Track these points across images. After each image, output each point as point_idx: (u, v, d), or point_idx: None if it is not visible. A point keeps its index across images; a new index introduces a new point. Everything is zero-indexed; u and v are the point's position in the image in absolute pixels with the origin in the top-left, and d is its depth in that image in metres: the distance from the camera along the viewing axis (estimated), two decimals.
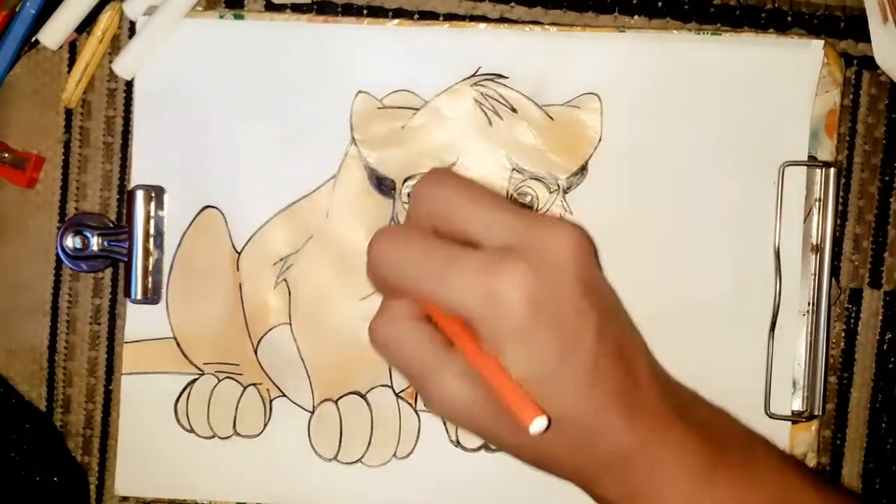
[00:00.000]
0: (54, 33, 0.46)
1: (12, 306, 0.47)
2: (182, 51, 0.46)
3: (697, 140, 0.46)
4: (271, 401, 0.46)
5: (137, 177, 0.46)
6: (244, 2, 0.47)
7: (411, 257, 0.35)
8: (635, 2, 0.47)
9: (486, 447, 0.46)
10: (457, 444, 0.46)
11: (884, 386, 0.47)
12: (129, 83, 0.47)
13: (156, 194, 0.46)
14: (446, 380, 0.34)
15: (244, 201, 0.46)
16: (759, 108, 0.46)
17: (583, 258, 0.35)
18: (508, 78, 0.46)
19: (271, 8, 0.47)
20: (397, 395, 0.46)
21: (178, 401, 0.46)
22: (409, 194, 0.45)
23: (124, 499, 0.47)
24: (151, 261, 0.46)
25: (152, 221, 0.46)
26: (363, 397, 0.46)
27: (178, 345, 0.46)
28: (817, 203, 0.46)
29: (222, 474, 0.46)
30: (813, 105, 0.45)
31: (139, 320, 0.46)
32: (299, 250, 0.46)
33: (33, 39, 0.46)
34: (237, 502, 0.46)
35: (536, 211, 0.45)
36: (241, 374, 0.46)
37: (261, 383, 0.46)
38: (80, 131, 0.47)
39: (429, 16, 0.47)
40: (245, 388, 0.46)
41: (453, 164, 0.46)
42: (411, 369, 0.36)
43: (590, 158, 0.46)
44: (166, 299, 0.46)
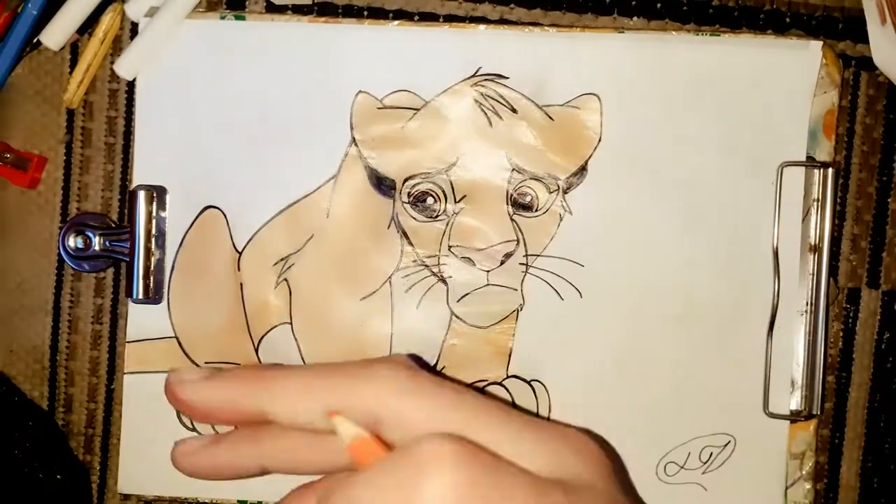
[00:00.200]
0: (56, 34, 0.46)
1: (14, 306, 0.48)
2: (183, 51, 0.46)
3: (696, 140, 0.46)
4: None
5: (139, 177, 0.46)
6: (245, 3, 0.47)
7: (467, 487, 0.28)
8: (634, 3, 0.47)
9: None
10: None
11: (882, 385, 0.48)
12: (131, 84, 0.47)
13: (157, 194, 0.46)
14: None
15: (245, 201, 0.46)
16: (757, 109, 0.46)
17: (612, 480, 0.30)
18: (508, 78, 0.46)
19: (272, 9, 0.47)
20: None
21: None
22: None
23: (126, 497, 0.47)
24: (153, 261, 0.46)
25: (154, 221, 0.46)
26: None
27: (179, 344, 0.46)
28: (815, 203, 0.46)
29: None
30: (811, 105, 0.46)
31: (141, 320, 0.46)
32: (300, 250, 0.46)
33: (35, 40, 0.46)
34: (239, 500, 0.47)
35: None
36: None
37: None
38: (82, 132, 0.47)
39: (429, 17, 0.47)
40: None
41: (453, 164, 0.46)
42: None
43: (589, 158, 0.46)
44: (168, 299, 0.46)
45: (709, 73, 0.46)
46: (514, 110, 0.46)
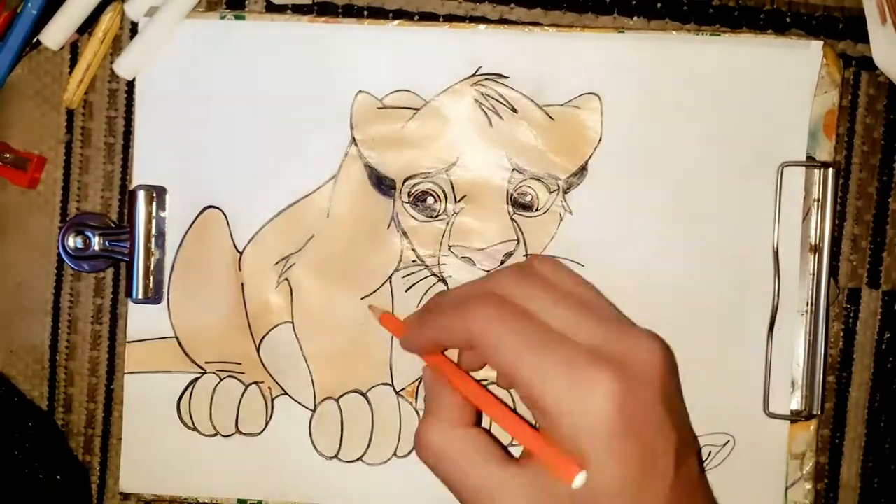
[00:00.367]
0: (56, 34, 0.46)
1: (14, 306, 0.48)
2: (183, 51, 0.46)
3: (696, 140, 0.46)
4: (273, 399, 0.46)
5: (139, 177, 0.46)
6: (245, 2, 0.47)
7: (515, 335, 0.34)
8: (634, 3, 0.47)
9: None
10: None
11: (882, 385, 0.48)
12: (131, 84, 0.47)
13: (157, 194, 0.46)
14: (508, 500, 0.33)
15: (245, 201, 0.46)
16: (757, 109, 0.46)
17: (669, 376, 0.34)
18: (508, 78, 0.46)
19: (272, 9, 0.47)
20: (398, 393, 0.46)
21: (180, 399, 0.46)
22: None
23: (126, 497, 0.47)
24: (153, 261, 0.46)
25: (154, 221, 0.46)
26: (364, 396, 0.46)
27: (179, 344, 0.46)
28: (816, 203, 0.46)
29: (224, 472, 0.46)
30: (811, 105, 0.46)
31: (141, 320, 0.46)
32: (301, 250, 0.46)
33: (35, 40, 0.46)
34: (238, 500, 0.47)
35: (619, 315, 0.41)
36: (242, 373, 0.46)
37: (262, 382, 0.46)
38: (82, 132, 0.47)
39: (429, 17, 0.47)
40: (247, 386, 0.46)
41: (453, 164, 0.46)
42: (465, 488, 0.34)
43: (590, 158, 0.46)
44: (168, 299, 0.46)
45: (709, 73, 0.46)
46: (514, 110, 0.46)
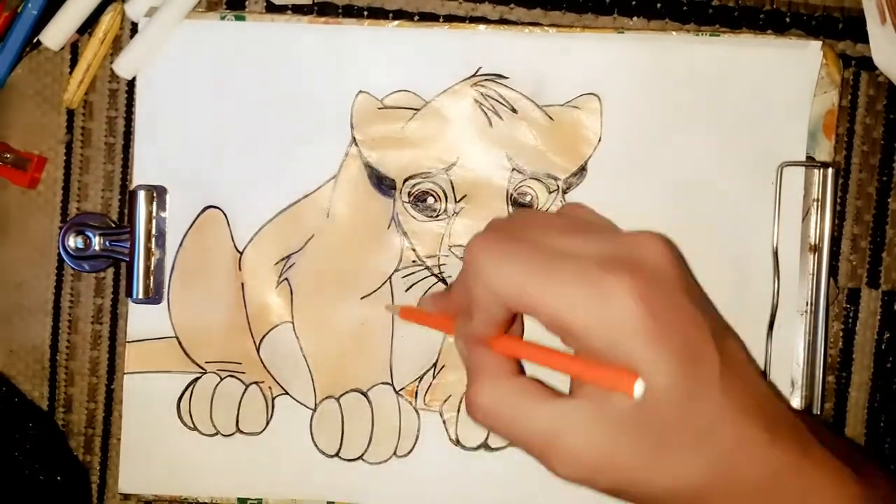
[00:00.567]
0: (56, 34, 0.46)
1: (14, 306, 0.48)
2: (183, 51, 0.46)
3: (696, 140, 0.46)
4: (273, 399, 0.46)
5: (139, 177, 0.46)
6: (245, 3, 0.47)
7: (515, 258, 0.33)
8: (634, 3, 0.47)
9: (486, 446, 0.46)
10: (456, 442, 0.46)
11: (882, 385, 0.48)
12: (131, 84, 0.47)
13: (157, 194, 0.46)
14: (574, 434, 0.32)
15: (245, 201, 0.46)
16: (757, 109, 0.46)
17: (681, 268, 0.34)
18: (508, 78, 0.46)
19: (272, 9, 0.47)
20: (397, 392, 0.46)
21: (180, 399, 0.46)
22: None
23: (126, 497, 0.47)
24: (153, 261, 0.46)
25: (154, 221, 0.46)
26: (364, 395, 0.46)
27: (179, 344, 0.46)
28: (815, 203, 0.46)
29: (224, 471, 0.46)
30: (811, 105, 0.46)
31: (141, 320, 0.46)
32: (301, 249, 0.46)
33: (35, 40, 0.46)
34: (239, 498, 0.47)
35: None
36: (243, 373, 0.46)
37: (263, 381, 0.46)
38: (82, 132, 0.47)
39: (429, 17, 0.47)
40: (247, 386, 0.46)
41: (453, 164, 0.46)
42: (531, 438, 0.33)
43: (589, 159, 0.46)
44: (168, 299, 0.46)
45: (709, 74, 0.46)
46: (514, 110, 0.46)
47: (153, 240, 0.46)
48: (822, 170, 0.46)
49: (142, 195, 0.46)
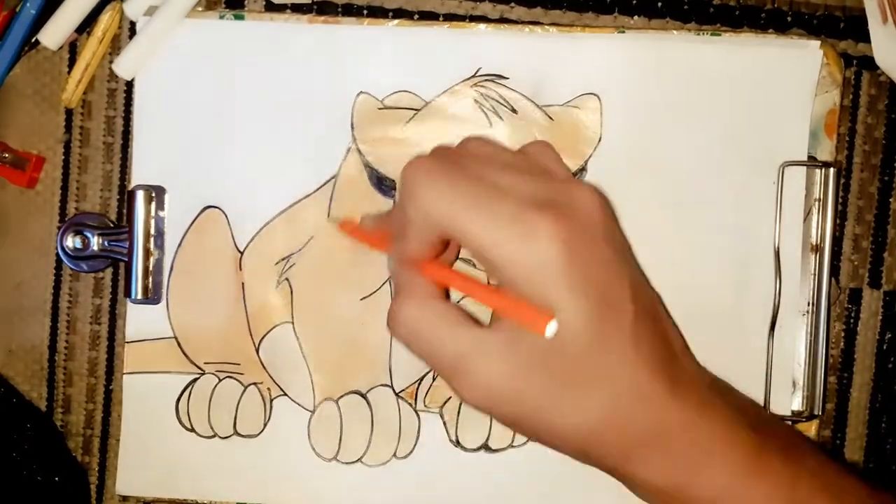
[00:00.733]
0: (54, 33, 0.46)
1: (13, 306, 0.47)
2: (182, 51, 0.46)
3: (697, 140, 0.46)
4: (272, 400, 0.46)
5: (138, 177, 0.46)
6: (244, 2, 0.47)
7: (450, 187, 0.34)
8: (635, 2, 0.47)
9: (486, 448, 0.46)
10: (456, 443, 0.46)
11: (883, 386, 0.48)
12: (130, 83, 0.47)
13: (156, 194, 0.46)
14: (485, 361, 0.33)
15: (246, 201, 0.46)
16: (758, 109, 0.46)
17: (610, 218, 0.35)
18: (508, 78, 0.46)
19: (271, 8, 0.47)
20: (397, 394, 0.46)
21: (178, 400, 0.46)
22: None
23: (124, 498, 0.47)
24: (152, 261, 0.46)
25: (153, 221, 0.46)
26: (363, 397, 0.46)
27: (178, 344, 0.46)
28: (817, 203, 0.46)
29: (223, 474, 0.46)
30: (812, 105, 0.45)
31: (140, 320, 0.46)
32: (301, 250, 0.46)
33: (33, 40, 0.46)
34: (237, 502, 0.46)
35: None
36: (242, 374, 0.46)
37: (262, 382, 0.46)
38: (81, 131, 0.47)
39: (429, 16, 0.47)
40: (246, 387, 0.46)
41: None
42: (442, 358, 0.34)
43: (589, 159, 0.46)
44: (167, 299, 0.46)
45: (710, 73, 0.45)
46: (514, 110, 0.46)
47: (152, 240, 0.46)
48: (823, 169, 0.45)
49: (140, 195, 0.46)
